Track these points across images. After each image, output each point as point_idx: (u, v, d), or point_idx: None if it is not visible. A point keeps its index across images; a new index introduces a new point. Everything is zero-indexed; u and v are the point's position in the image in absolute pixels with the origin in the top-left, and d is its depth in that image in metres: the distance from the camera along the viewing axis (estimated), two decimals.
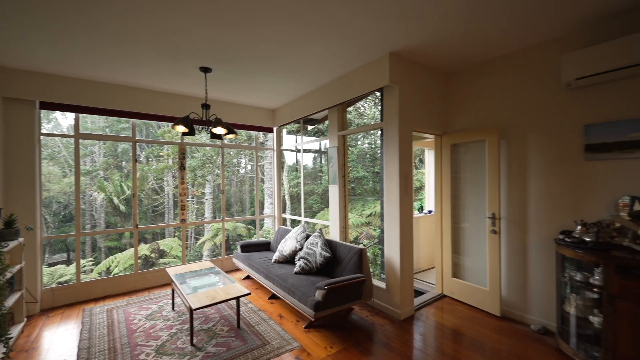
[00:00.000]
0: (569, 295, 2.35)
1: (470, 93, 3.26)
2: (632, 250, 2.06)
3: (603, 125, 2.35)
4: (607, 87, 2.35)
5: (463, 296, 3.29)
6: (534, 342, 2.54)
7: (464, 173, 3.36)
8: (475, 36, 2.57)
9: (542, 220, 2.73)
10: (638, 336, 1.90)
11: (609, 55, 2.17)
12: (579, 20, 2.33)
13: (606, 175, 2.36)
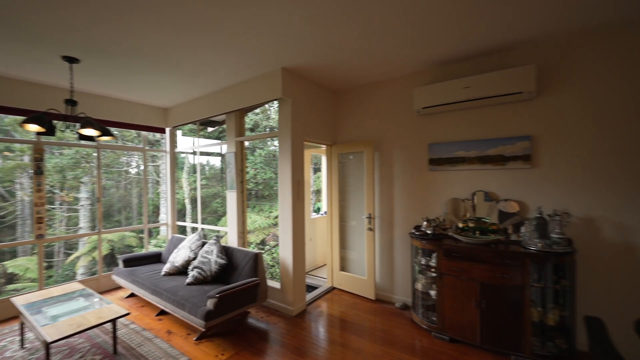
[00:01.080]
0: (418, 276, 3.01)
1: (355, 110, 3.77)
2: (454, 238, 2.79)
3: (439, 145, 3.11)
4: (442, 115, 3.11)
5: (348, 286, 3.78)
6: (396, 317, 3.15)
7: (349, 179, 3.85)
8: (350, 65, 3.02)
9: (403, 218, 3.39)
10: (455, 300, 2.61)
11: (442, 92, 2.88)
12: (424, 63, 3.01)
13: (442, 183, 3.12)
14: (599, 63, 2.39)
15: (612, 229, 2.37)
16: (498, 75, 2.58)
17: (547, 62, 2.58)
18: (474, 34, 2.42)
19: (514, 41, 2.55)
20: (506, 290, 2.39)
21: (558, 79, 2.54)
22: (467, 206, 2.97)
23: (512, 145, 2.71)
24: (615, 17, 2.18)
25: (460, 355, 2.47)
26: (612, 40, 2.34)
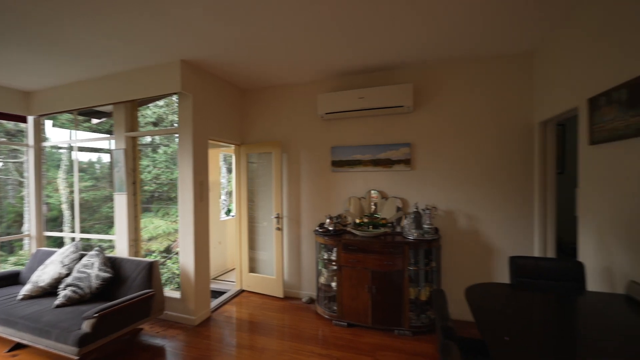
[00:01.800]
0: (322, 270, 3.21)
1: (264, 110, 3.78)
2: (352, 233, 3.09)
3: (340, 148, 3.39)
4: (342, 121, 3.40)
5: (258, 287, 3.76)
6: (303, 312, 3.29)
7: (258, 179, 3.84)
8: (258, 66, 3.03)
9: (310, 217, 3.57)
10: (351, 289, 2.89)
11: (341, 100, 3.15)
12: (326, 72, 3.24)
13: (343, 183, 3.42)
14: (459, 86, 3.00)
15: (464, 218, 3.01)
16: (385, 90, 2.98)
17: (422, 82, 3.11)
18: (362, 53, 2.74)
19: (397, 62, 2.99)
20: (391, 275, 2.78)
21: (429, 96, 3.09)
22: (363, 203, 3.32)
23: (397, 151, 3.16)
24: (468, 51, 2.79)
25: (355, 337, 2.75)
26: (469, 68, 2.98)
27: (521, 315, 1.43)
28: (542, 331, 1.28)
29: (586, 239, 2.01)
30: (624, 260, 1.64)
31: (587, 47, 1.95)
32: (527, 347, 1.12)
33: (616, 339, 1.19)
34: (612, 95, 1.66)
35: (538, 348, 1.12)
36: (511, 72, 2.85)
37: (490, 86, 2.91)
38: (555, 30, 2.34)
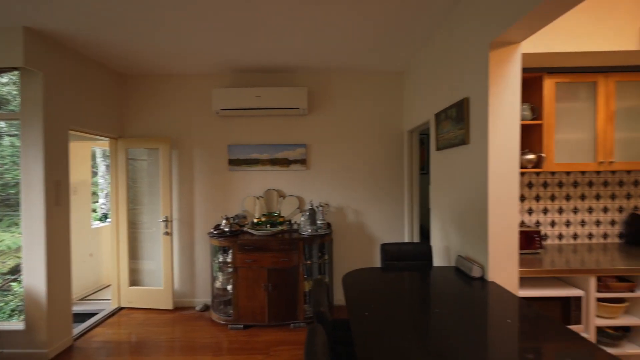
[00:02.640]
0: (217, 274, 3.06)
1: (150, 100, 3.34)
2: (250, 233, 3.05)
3: (238, 146, 3.30)
4: (240, 119, 3.32)
5: (141, 302, 3.30)
6: (196, 321, 3.06)
7: (142, 178, 3.37)
8: (142, 50, 2.66)
9: (204, 218, 3.35)
10: (248, 289, 2.85)
11: (238, 97, 3.06)
12: (223, 66, 3.11)
13: (240, 182, 3.33)
14: (348, 94, 3.33)
15: (352, 213, 3.37)
16: (282, 91, 3.05)
17: (316, 87, 3.32)
18: (255, 52, 2.75)
19: (292, 66, 3.11)
20: (287, 271, 2.86)
21: (323, 100, 3.33)
22: (261, 202, 3.32)
23: (294, 151, 3.29)
24: (353, 65, 3.11)
25: (251, 337, 2.73)
26: (356, 79, 3.32)
27: (385, 292, 1.69)
28: (399, 301, 1.54)
29: (435, 226, 2.53)
30: (456, 240, 2.13)
31: (433, 72, 2.45)
32: (382, 318, 1.34)
33: (450, 297, 1.55)
34: (448, 112, 2.14)
35: (392, 317, 1.35)
36: (388, 86, 3.34)
37: (373, 97, 3.34)
38: (415, 56, 2.86)
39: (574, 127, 2.14)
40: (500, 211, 1.70)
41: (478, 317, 1.36)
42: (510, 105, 1.68)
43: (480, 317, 1.37)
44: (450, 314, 1.38)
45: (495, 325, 1.30)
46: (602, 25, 1.85)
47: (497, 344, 1.15)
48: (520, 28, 1.48)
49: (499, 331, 1.24)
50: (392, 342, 1.13)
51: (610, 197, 2.46)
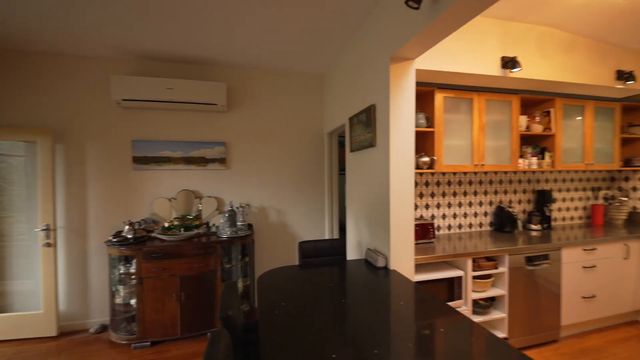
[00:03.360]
0: (118, 288, 2.67)
1: (22, 82, 2.70)
2: (160, 239, 2.75)
3: (145, 142, 2.95)
4: (148, 112, 2.97)
5: (9, 333, 2.65)
6: (91, 345, 2.61)
7: (18, 179, 2.71)
8: (19, 12, 2.13)
9: (101, 225, 2.89)
10: (156, 302, 2.57)
11: (145, 87, 2.73)
12: (127, 51, 2.73)
13: (148, 182, 2.98)
14: (271, 93, 3.29)
15: (275, 213, 3.35)
16: (198, 85, 2.84)
17: (237, 83, 3.19)
18: (167, 39, 2.50)
19: (210, 58, 2.93)
20: (203, 277, 2.68)
21: (244, 98, 3.22)
22: (174, 205, 3.03)
23: (212, 149, 3.10)
24: (277, 64, 3.10)
25: (160, 355, 2.46)
26: (279, 78, 3.31)
27: (299, 289, 1.73)
28: (312, 296, 1.59)
29: (350, 222, 2.71)
30: (367, 234, 2.32)
31: (348, 78, 2.63)
32: (294, 314, 1.36)
33: (358, 287, 1.67)
34: (359, 117, 2.31)
35: (303, 311, 1.39)
36: (310, 89, 3.44)
37: (296, 98, 3.39)
38: (334, 61, 3.02)
39: (457, 135, 2.56)
40: (399, 206, 1.91)
41: (381, 302, 1.51)
42: (407, 113, 1.91)
43: (383, 302, 1.52)
44: (357, 302, 1.49)
45: (395, 308, 1.45)
46: (475, 53, 2.26)
47: (396, 324, 1.29)
48: (412, 45, 1.70)
49: (398, 313, 1.39)
50: (299, 335, 1.17)
51: (484, 193, 3.03)
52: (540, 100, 2.89)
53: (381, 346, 1.10)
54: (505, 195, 3.10)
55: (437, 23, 1.44)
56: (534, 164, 2.83)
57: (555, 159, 2.84)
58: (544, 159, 2.87)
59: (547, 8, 2.17)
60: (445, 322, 1.28)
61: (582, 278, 2.56)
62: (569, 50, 2.53)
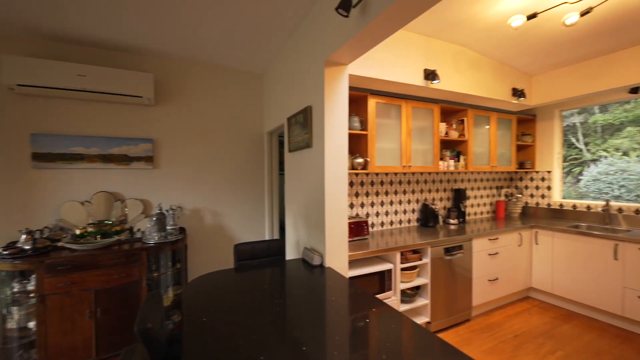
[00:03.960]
0: (10, 310, 2.23)
1: None
2: (69, 249, 2.38)
3: (49, 137, 2.52)
4: (53, 101, 2.55)
5: None
6: None
7: None
8: None
9: None
10: (64, 322, 2.22)
11: (49, 72, 2.33)
12: (30, 29, 2.29)
13: (53, 183, 2.56)
14: (208, 89, 3.11)
15: (211, 215, 3.18)
16: (117, 73, 2.54)
17: (167, 75, 2.94)
18: (81, 22, 2.19)
19: (135, 45, 2.65)
20: (124, 289, 2.40)
21: (176, 92, 2.99)
22: (90, 209, 2.66)
23: (136, 147, 2.80)
24: (213, 58, 2.94)
25: None
26: (217, 74, 3.14)
27: (233, 293, 1.67)
28: (246, 299, 1.55)
29: (289, 222, 2.72)
30: (304, 234, 2.35)
31: (286, 78, 2.63)
32: (224, 319, 1.31)
33: (294, 286, 1.67)
34: (297, 117, 2.33)
35: (236, 315, 1.34)
36: (250, 87, 3.35)
37: (235, 96, 3.26)
38: (272, 61, 3.00)
39: (388, 139, 2.76)
40: (334, 206, 1.99)
41: (315, 300, 1.54)
42: (340, 116, 1.99)
43: (316, 299, 1.55)
44: (292, 302, 1.50)
45: (327, 304, 1.50)
46: (402, 64, 2.47)
47: (327, 319, 1.33)
48: (344, 51, 1.78)
49: (330, 308, 1.44)
50: (228, 340, 1.12)
51: (412, 192, 3.32)
52: (456, 109, 3.29)
53: (310, 342, 1.13)
54: (429, 193, 3.45)
55: (365, 32, 1.54)
56: (452, 165, 3.22)
57: (468, 161, 3.27)
58: (459, 162, 3.28)
59: (459, 29, 2.49)
60: (372, 313, 1.37)
61: (488, 264, 2.99)
62: (477, 67, 2.94)
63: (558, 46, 2.73)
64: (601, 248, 2.80)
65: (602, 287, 2.80)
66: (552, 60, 3.01)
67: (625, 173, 3.30)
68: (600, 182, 3.50)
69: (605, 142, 3.48)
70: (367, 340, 1.17)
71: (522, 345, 2.50)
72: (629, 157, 3.29)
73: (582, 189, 3.64)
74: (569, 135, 3.75)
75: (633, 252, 2.61)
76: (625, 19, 2.26)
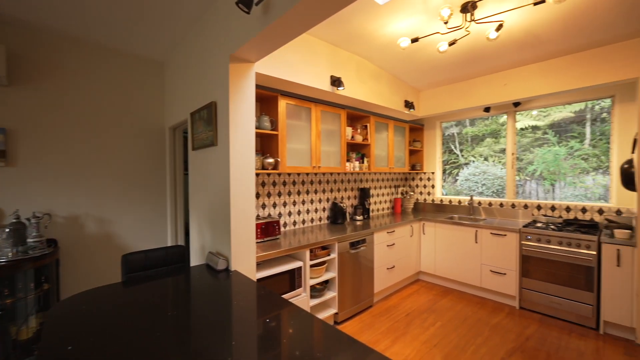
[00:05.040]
0: None
1: None
2: None
3: None
4: None
5: None
6: None
7: None
8: None
9: None
10: None
11: None
12: None
13: None
14: (90, 74, 2.59)
15: (95, 223, 2.68)
16: None
17: (30, 51, 2.35)
18: None
19: None
20: None
21: (43, 72, 2.41)
22: None
23: None
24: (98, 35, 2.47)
25: None
26: (104, 57, 2.65)
27: (116, 311, 1.44)
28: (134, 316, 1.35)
29: (193, 226, 2.51)
30: (209, 238, 2.21)
31: (189, 69, 2.43)
32: (99, 345, 1.11)
33: (195, 294, 1.54)
34: (201, 113, 2.18)
35: (116, 338, 1.15)
36: (149, 75, 2.96)
37: (130, 84, 2.83)
38: (175, 48, 2.72)
39: (299, 140, 2.84)
40: (240, 207, 1.92)
41: (215, 307, 1.45)
42: (247, 114, 1.95)
43: (217, 306, 1.47)
44: (189, 312, 1.38)
45: (228, 310, 1.44)
46: (310, 68, 2.58)
47: (234, 324, 1.27)
48: (250, 49, 1.75)
49: (230, 314, 1.38)
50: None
51: (322, 192, 3.50)
52: (361, 116, 3.61)
53: (211, 352, 1.06)
54: (338, 192, 3.69)
55: (269, 31, 1.54)
56: (357, 167, 3.52)
57: (371, 163, 3.63)
58: (364, 163, 3.61)
59: (361, 42, 2.74)
60: (277, 314, 1.38)
61: (386, 254, 3.38)
62: (377, 79, 3.29)
63: (436, 68, 3.28)
64: (467, 234, 3.49)
65: (468, 265, 3.49)
66: (433, 79, 3.61)
67: (485, 174, 4.19)
68: (470, 181, 4.35)
69: (473, 150, 4.35)
70: (271, 340, 1.17)
71: (412, 321, 2.90)
72: (488, 162, 4.20)
73: (458, 187, 4.47)
74: (450, 143, 4.55)
75: (487, 236, 3.34)
76: (478, 53, 2.88)
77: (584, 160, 3.41)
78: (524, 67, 3.13)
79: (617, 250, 2.55)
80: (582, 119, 3.44)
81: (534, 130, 3.75)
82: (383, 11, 2.23)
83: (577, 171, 3.44)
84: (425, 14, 2.26)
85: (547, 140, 3.66)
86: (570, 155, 3.51)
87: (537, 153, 3.70)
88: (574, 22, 2.30)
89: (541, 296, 2.98)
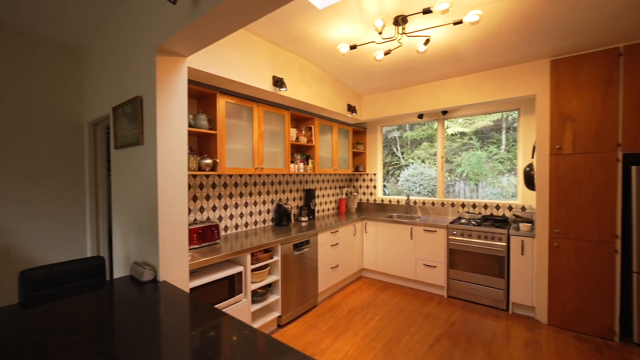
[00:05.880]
0: None
1: None
2: None
3: None
4: None
5: None
6: None
7: None
8: None
9: None
10: None
11: None
12: None
13: None
14: None
15: None
16: None
17: None
18: None
19: None
20: None
21: None
22: None
23: None
24: None
25: None
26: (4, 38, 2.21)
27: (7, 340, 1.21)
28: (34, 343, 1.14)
29: (117, 233, 2.25)
30: (135, 247, 2.00)
31: (112, 58, 2.17)
32: None
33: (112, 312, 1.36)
34: (125, 108, 1.96)
35: None
36: (62, 62, 2.57)
37: (36, 70, 2.42)
38: (96, 33, 2.42)
39: (240, 140, 2.74)
40: (169, 211, 1.78)
41: (133, 325, 1.31)
42: (178, 112, 1.81)
43: (135, 324, 1.33)
44: (99, 334, 1.23)
45: (165, 322, 1.31)
46: (252, 67, 2.51)
47: (164, 341, 1.15)
48: (179, 42, 1.63)
49: (166, 328, 1.26)
50: None
51: (267, 193, 3.43)
52: (305, 117, 3.64)
53: None
54: (283, 194, 3.66)
55: (200, 24, 1.45)
56: (302, 168, 3.53)
57: (315, 164, 3.67)
58: (308, 164, 3.64)
59: (303, 45, 2.75)
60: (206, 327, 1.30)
61: (330, 253, 3.45)
62: (321, 82, 3.35)
63: (375, 75, 3.47)
64: (403, 231, 3.75)
65: (404, 260, 3.75)
66: (373, 85, 3.81)
67: (422, 175, 4.55)
68: (410, 182, 4.68)
69: (413, 152, 4.69)
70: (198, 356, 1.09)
71: (353, 318, 3.01)
72: (425, 164, 4.56)
73: (400, 187, 4.77)
74: (392, 146, 4.84)
75: (421, 233, 3.63)
76: (410, 64, 3.12)
77: (500, 163, 3.92)
78: (450, 80, 3.47)
79: (521, 241, 2.98)
80: (499, 127, 3.96)
81: (462, 136, 4.20)
82: (323, 16, 2.28)
83: (495, 173, 3.94)
84: (362, 23, 2.36)
85: (472, 145, 4.12)
86: (490, 159, 4.01)
87: (464, 156, 4.15)
88: (487, 42, 2.63)
89: (464, 285, 3.34)
